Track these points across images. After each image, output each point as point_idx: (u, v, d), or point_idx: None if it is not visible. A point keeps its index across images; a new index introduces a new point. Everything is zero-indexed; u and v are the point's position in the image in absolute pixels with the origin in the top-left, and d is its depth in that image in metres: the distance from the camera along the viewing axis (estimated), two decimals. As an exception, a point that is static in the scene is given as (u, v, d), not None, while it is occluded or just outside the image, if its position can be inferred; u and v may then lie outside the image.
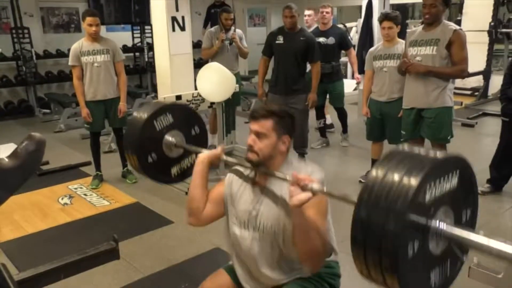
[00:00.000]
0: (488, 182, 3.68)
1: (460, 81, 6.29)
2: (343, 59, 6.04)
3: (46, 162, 4.60)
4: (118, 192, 3.96)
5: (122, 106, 3.95)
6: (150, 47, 7.70)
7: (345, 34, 5.12)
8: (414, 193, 0.89)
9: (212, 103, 4.26)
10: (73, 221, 3.44)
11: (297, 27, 4.03)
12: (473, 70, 5.60)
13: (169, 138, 1.82)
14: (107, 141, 5.09)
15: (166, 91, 4.69)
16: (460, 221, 1.04)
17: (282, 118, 1.55)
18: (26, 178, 0.68)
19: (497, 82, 6.23)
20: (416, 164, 0.94)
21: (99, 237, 2.87)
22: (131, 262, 2.78)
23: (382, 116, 3.76)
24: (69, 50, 4.02)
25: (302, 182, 1.28)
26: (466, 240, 0.95)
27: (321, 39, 4.65)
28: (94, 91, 3.86)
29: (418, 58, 3.19)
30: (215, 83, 3.87)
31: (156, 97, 5.71)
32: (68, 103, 6.38)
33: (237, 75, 4.61)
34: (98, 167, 4.17)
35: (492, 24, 7.32)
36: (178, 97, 4.04)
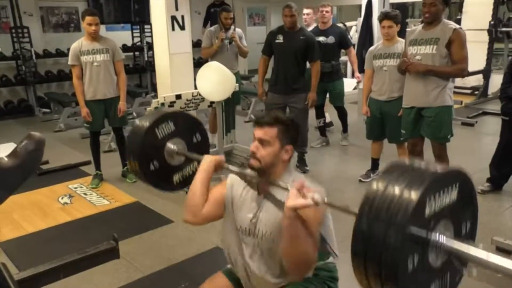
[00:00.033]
0: (488, 181, 3.68)
1: (460, 80, 6.31)
2: (343, 58, 6.04)
3: (46, 162, 4.60)
4: (118, 191, 3.97)
5: (122, 105, 3.95)
6: (150, 46, 7.70)
7: (345, 33, 5.12)
8: (414, 207, 0.90)
9: (211, 102, 4.26)
10: (73, 220, 3.44)
11: (297, 26, 4.02)
12: (473, 69, 5.60)
13: (170, 145, 1.84)
14: (107, 140, 5.10)
15: (166, 91, 4.68)
16: (460, 233, 1.05)
17: (287, 127, 1.54)
18: (25, 178, 0.68)
19: (497, 81, 6.23)
20: (416, 177, 0.94)
21: (99, 236, 2.87)
22: (131, 262, 2.78)
23: (382, 115, 3.76)
24: (68, 49, 4.02)
25: (304, 190, 1.26)
26: (466, 254, 0.96)
27: (321, 38, 4.65)
28: (93, 91, 3.86)
29: (418, 57, 3.18)
30: (215, 83, 3.87)
31: (156, 96, 5.69)
32: (67, 103, 6.38)
33: (237, 74, 4.61)
34: (98, 167, 4.17)
35: (492, 23, 7.32)
36: (178, 96, 4.04)
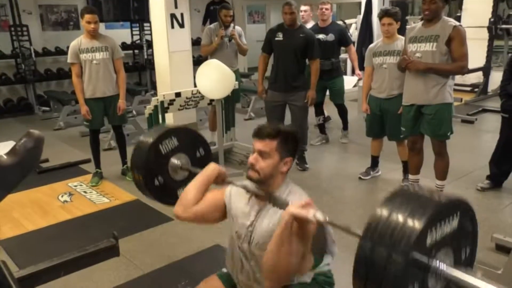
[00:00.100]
0: (487, 178, 3.69)
1: (460, 77, 6.28)
2: (343, 56, 6.03)
3: (46, 160, 4.60)
4: (118, 189, 3.96)
5: (121, 103, 3.94)
6: (149, 44, 7.67)
7: (344, 30, 5.11)
8: (417, 236, 0.92)
9: (211, 100, 4.26)
10: (73, 218, 3.44)
11: (296, 24, 4.02)
12: (473, 66, 5.58)
13: (174, 161, 1.87)
14: (107, 138, 5.09)
15: (165, 88, 4.69)
16: (459, 259, 1.07)
17: (287, 139, 1.54)
18: (24, 175, 0.68)
19: (496, 78, 6.22)
20: (419, 207, 0.97)
21: (99, 234, 2.88)
22: (131, 259, 2.78)
23: (382, 112, 3.75)
24: (68, 47, 4.01)
25: (309, 207, 1.27)
26: (464, 282, 0.98)
27: (320, 36, 4.64)
28: (93, 89, 3.85)
29: (417, 55, 3.17)
30: (215, 80, 3.86)
31: (155, 94, 5.69)
32: (67, 101, 6.37)
33: (236, 72, 4.60)
34: (97, 165, 4.17)
35: (492, 20, 7.31)
36: (178, 94, 4.04)
